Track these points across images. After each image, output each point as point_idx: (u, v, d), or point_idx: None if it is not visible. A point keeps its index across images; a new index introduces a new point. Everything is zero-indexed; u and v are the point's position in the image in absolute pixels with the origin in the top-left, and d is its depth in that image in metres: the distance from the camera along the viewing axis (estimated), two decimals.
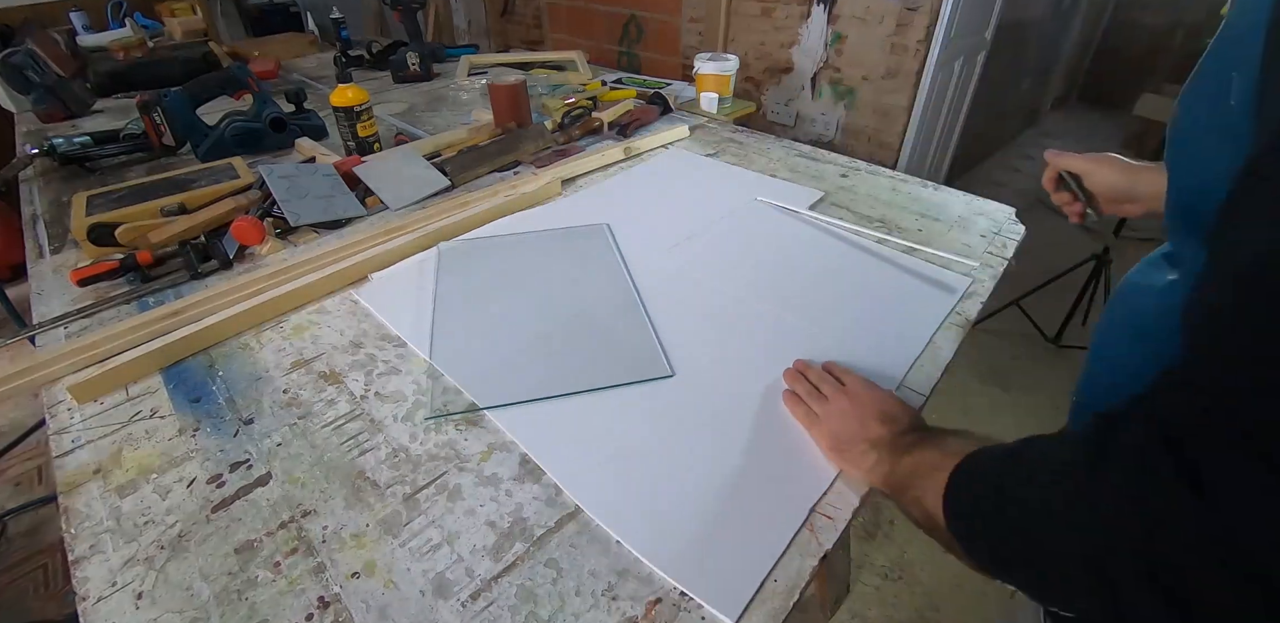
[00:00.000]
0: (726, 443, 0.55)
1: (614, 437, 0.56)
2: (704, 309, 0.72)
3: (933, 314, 0.70)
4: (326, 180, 0.97)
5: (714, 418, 0.58)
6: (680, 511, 0.49)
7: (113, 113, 1.46)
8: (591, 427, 0.57)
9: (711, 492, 0.51)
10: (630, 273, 0.78)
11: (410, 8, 1.61)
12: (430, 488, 0.52)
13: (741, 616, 0.43)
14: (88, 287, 0.79)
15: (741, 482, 0.52)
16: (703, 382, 0.62)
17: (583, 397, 0.60)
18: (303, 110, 1.25)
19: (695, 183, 1.02)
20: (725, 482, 0.52)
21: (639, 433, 0.56)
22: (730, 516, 0.49)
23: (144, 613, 0.44)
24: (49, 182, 1.13)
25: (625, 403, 0.59)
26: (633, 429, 0.57)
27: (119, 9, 2.06)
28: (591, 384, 0.61)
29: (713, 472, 0.53)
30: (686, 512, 0.49)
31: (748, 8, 2.09)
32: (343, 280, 0.79)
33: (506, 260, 0.82)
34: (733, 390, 0.61)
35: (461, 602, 0.44)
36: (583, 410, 0.59)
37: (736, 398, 0.60)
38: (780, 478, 0.52)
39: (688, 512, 0.49)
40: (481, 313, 0.72)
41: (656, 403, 0.59)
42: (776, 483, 0.52)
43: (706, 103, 1.62)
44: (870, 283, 0.76)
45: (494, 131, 1.20)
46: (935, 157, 2.24)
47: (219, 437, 0.58)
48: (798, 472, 0.53)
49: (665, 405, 0.59)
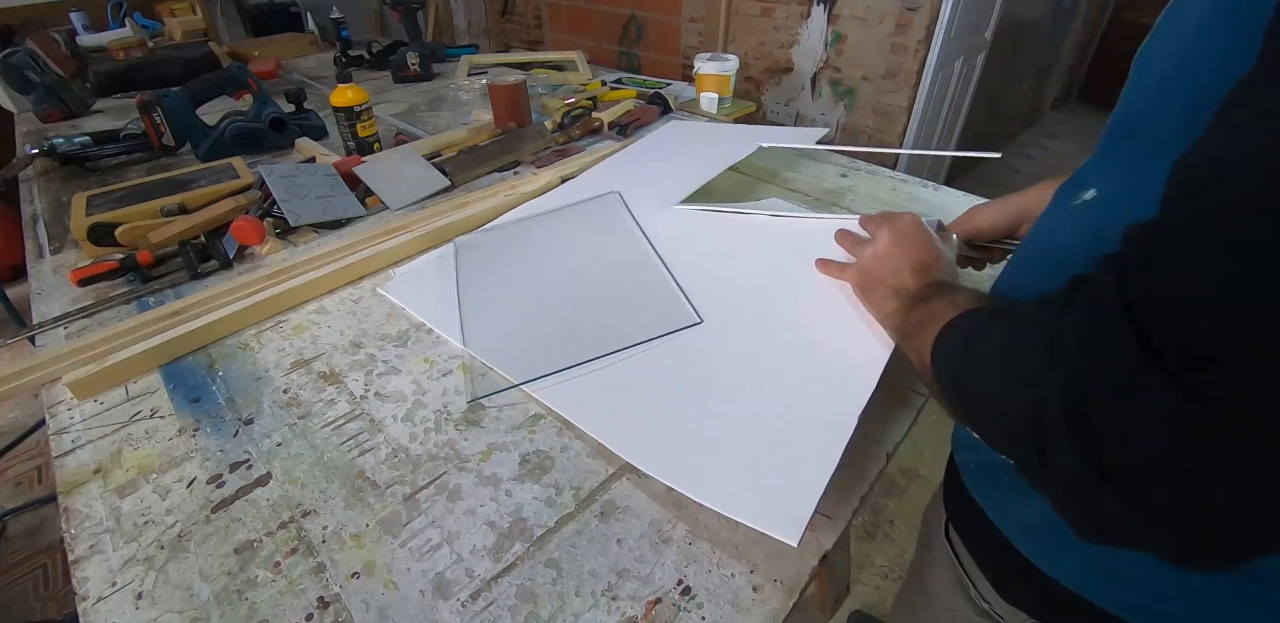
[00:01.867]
0: (763, 378, 0.56)
1: (655, 390, 0.57)
2: (722, 255, 0.72)
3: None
4: (326, 180, 0.97)
5: (749, 355, 0.59)
6: (727, 449, 0.50)
7: (113, 113, 1.46)
8: (631, 384, 0.58)
9: (755, 426, 0.52)
10: (646, 233, 0.79)
11: (410, 8, 1.61)
12: (430, 488, 0.52)
13: (802, 538, 0.43)
14: (88, 287, 0.79)
15: (784, 411, 0.52)
16: (731, 324, 0.63)
17: (618, 357, 0.61)
18: (303, 110, 1.25)
19: (700, 143, 1.03)
20: (768, 415, 0.52)
21: (679, 383, 0.58)
22: (776, 446, 0.50)
23: (144, 613, 0.44)
24: (49, 182, 1.13)
25: (660, 356, 0.61)
26: (673, 380, 0.58)
27: (119, 9, 2.06)
28: (624, 343, 0.62)
29: (754, 407, 0.54)
30: (733, 449, 0.50)
31: (748, 8, 2.09)
32: (343, 280, 0.79)
33: (524, 242, 0.84)
34: (763, 327, 0.62)
35: (461, 602, 0.44)
36: (620, 371, 0.60)
37: (767, 333, 0.61)
38: (821, 400, 0.52)
39: (735, 449, 0.50)
40: (507, 293, 0.73)
41: (691, 351, 0.61)
42: (818, 406, 0.52)
43: (706, 103, 1.62)
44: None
45: (494, 131, 1.20)
46: (935, 156, 2.24)
47: (219, 437, 0.58)
48: (839, 387, 0.52)
49: (700, 351, 0.61)
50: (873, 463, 0.54)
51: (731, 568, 0.46)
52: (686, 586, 0.45)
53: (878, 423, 0.57)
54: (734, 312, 0.64)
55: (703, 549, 0.47)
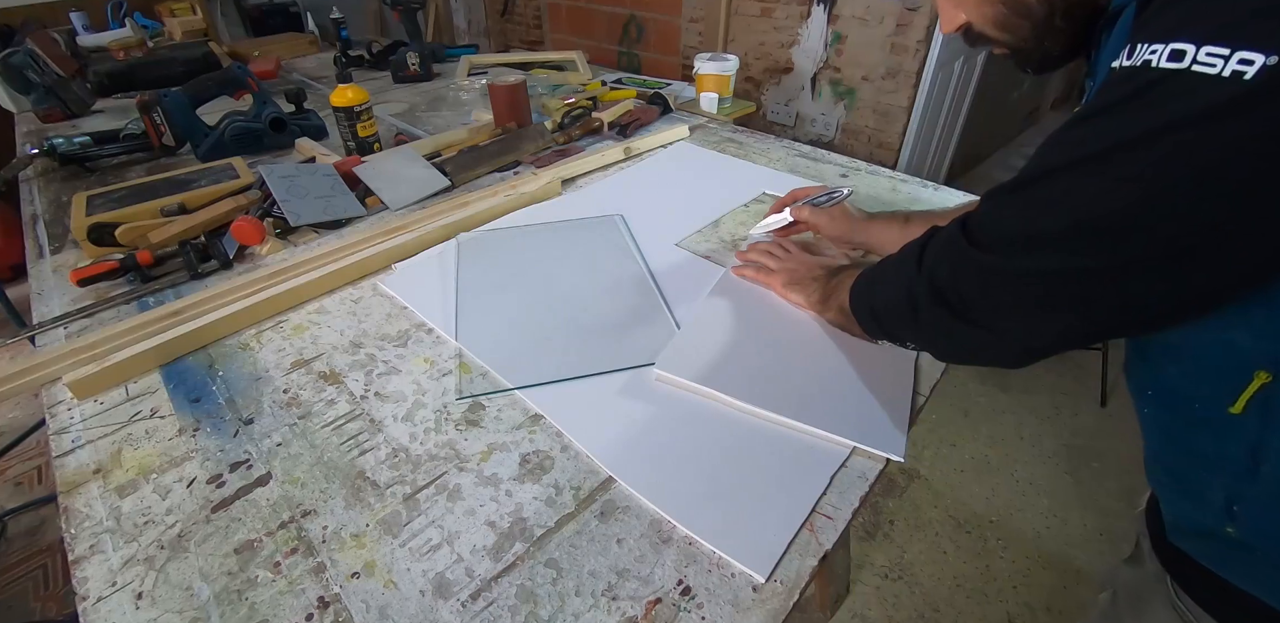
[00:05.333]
0: (746, 417, 0.58)
1: (644, 412, 0.59)
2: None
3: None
4: (326, 180, 0.97)
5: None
6: (708, 478, 0.52)
7: (113, 113, 1.46)
8: (622, 402, 0.60)
9: (736, 460, 0.54)
10: (645, 261, 0.81)
11: (410, 8, 1.61)
12: (430, 488, 0.52)
13: (772, 572, 0.45)
14: (88, 287, 0.79)
15: (765, 450, 0.55)
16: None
17: (606, 376, 0.63)
18: (303, 110, 1.25)
19: (707, 179, 1.04)
20: (749, 450, 0.55)
21: (663, 409, 0.59)
22: (755, 482, 0.52)
23: (144, 613, 0.44)
24: (49, 182, 1.13)
25: (648, 381, 0.62)
26: (657, 405, 0.59)
27: (119, 9, 2.06)
28: (616, 365, 0.64)
29: (736, 441, 0.56)
30: (714, 479, 0.52)
31: (748, 8, 2.09)
32: (343, 280, 0.79)
33: (525, 249, 0.85)
34: (760, 377, 0.62)
35: (461, 602, 0.44)
36: (611, 388, 0.62)
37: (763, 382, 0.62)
38: (802, 444, 0.55)
39: (716, 479, 0.52)
40: (503, 299, 0.75)
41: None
42: (798, 449, 0.55)
43: (706, 103, 1.62)
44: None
45: (494, 131, 1.20)
46: (935, 156, 2.24)
47: (219, 437, 0.58)
48: (818, 440, 0.56)
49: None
50: (873, 463, 0.54)
51: (731, 568, 0.46)
52: (686, 586, 0.45)
53: None
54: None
55: (703, 549, 0.47)
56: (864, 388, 0.60)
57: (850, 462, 0.54)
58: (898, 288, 0.48)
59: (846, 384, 0.60)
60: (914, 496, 1.44)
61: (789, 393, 0.59)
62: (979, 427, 1.63)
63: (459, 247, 0.85)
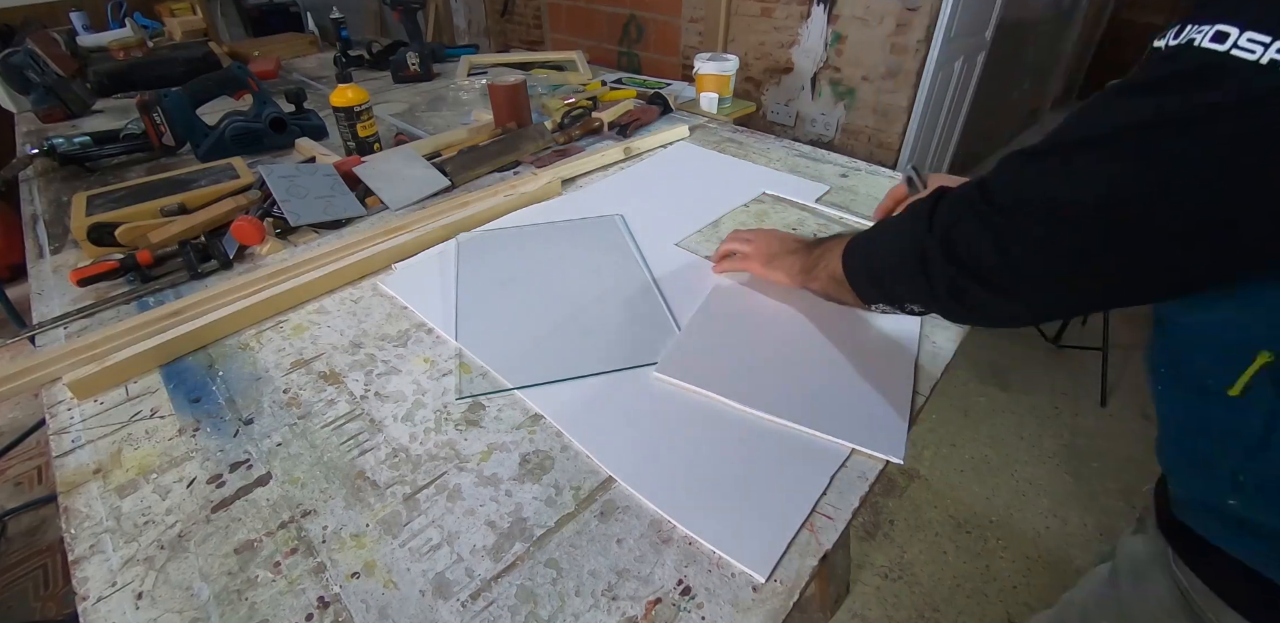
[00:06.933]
0: (747, 416, 0.58)
1: (640, 412, 0.59)
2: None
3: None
4: (326, 180, 0.97)
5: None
6: (708, 478, 0.52)
7: (113, 113, 1.46)
8: (623, 402, 0.60)
9: (736, 459, 0.54)
10: (645, 262, 0.81)
11: (410, 8, 1.61)
12: (430, 488, 0.52)
13: (772, 572, 0.45)
14: (88, 287, 0.79)
15: (765, 449, 0.55)
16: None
17: (606, 376, 0.63)
18: (303, 110, 1.25)
19: (707, 178, 1.04)
20: (749, 450, 0.55)
21: (663, 408, 0.59)
22: (755, 481, 0.52)
23: (144, 613, 0.44)
24: (49, 182, 1.13)
25: (648, 382, 0.62)
26: (657, 405, 0.59)
27: (119, 9, 2.06)
28: (616, 365, 0.64)
29: (736, 441, 0.56)
30: (714, 480, 0.52)
31: (748, 8, 2.09)
32: (343, 280, 0.79)
33: (525, 249, 0.85)
34: (762, 382, 0.62)
35: (461, 602, 0.44)
36: (611, 388, 0.62)
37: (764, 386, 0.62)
38: (802, 444, 0.55)
39: (716, 480, 0.52)
40: (503, 298, 0.75)
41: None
42: (798, 449, 0.55)
43: (706, 103, 1.62)
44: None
45: (494, 131, 1.20)
46: (935, 156, 2.24)
47: (219, 437, 0.58)
48: (817, 441, 0.56)
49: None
50: (873, 463, 0.54)
51: (731, 568, 0.46)
52: (686, 586, 0.45)
53: None
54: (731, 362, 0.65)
55: (703, 549, 0.47)
56: (864, 390, 0.60)
57: (850, 462, 0.54)
58: (903, 248, 0.47)
59: (846, 386, 0.61)
60: (914, 496, 1.44)
61: (789, 396, 0.59)
62: (979, 427, 1.63)
63: (459, 247, 0.85)
